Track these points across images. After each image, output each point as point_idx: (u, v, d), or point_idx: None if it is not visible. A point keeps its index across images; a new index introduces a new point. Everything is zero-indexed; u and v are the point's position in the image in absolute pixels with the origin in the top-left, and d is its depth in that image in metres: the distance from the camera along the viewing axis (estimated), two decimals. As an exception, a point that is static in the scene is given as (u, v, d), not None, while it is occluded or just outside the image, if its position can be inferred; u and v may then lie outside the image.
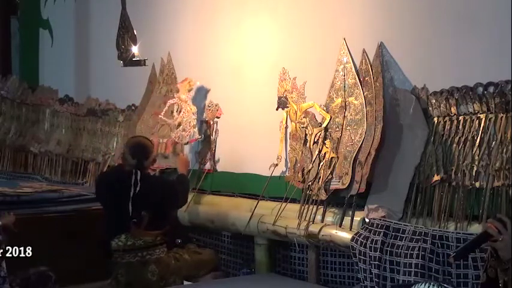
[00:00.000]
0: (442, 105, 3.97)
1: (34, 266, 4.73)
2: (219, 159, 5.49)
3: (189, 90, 5.57)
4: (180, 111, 5.61)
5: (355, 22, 4.52)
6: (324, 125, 4.57)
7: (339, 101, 4.51)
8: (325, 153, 4.53)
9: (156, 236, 4.75)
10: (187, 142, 5.58)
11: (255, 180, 5.13)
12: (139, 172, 4.74)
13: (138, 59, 5.58)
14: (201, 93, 5.65)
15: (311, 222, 4.48)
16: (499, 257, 2.76)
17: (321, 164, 4.53)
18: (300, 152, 4.71)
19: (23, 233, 4.70)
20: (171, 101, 5.68)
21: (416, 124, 4.09)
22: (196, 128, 5.53)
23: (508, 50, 3.64)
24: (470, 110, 3.85)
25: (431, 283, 2.33)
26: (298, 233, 4.52)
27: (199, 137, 5.51)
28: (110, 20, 5.97)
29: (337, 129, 4.49)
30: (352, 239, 4.12)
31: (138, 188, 4.70)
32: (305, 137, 4.70)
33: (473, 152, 3.80)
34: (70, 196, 5.81)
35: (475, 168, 3.78)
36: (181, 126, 5.57)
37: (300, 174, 4.68)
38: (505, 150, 3.68)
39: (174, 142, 5.74)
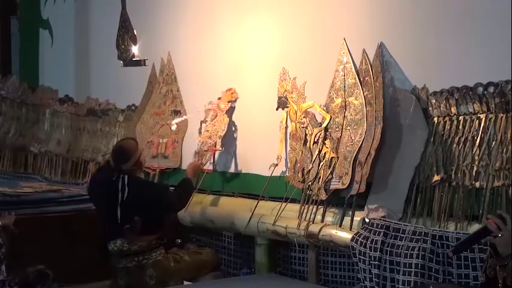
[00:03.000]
0: (442, 105, 3.97)
1: (33, 266, 4.72)
2: (219, 159, 5.49)
3: (229, 101, 5.37)
4: (213, 119, 5.42)
5: (355, 22, 4.52)
6: (324, 125, 4.57)
7: (339, 101, 4.51)
8: (325, 153, 4.53)
9: (151, 240, 4.72)
10: (207, 150, 5.39)
11: (255, 180, 5.13)
12: (126, 177, 4.72)
13: (138, 59, 5.58)
14: (201, 93, 5.67)
15: (311, 222, 4.48)
16: (498, 253, 2.76)
17: (321, 164, 4.53)
18: (300, 152, 4.71)
19: (23, 233, 4.70)
20: (209, 106, 5.46)
21: (416, 124, 4.08)
22: (220, 140, 5.34)
23: (508, 50, 3.64)
24: (470, 110, 3.85)
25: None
26: (298, 233, 4.52)
27: (221, 148, 5.33)
28: (110, 20, 5.97)
29: (337, 129, 4.49)
30: (352, 239, 4.12)
31: (126, 194, 4.68)
32: (305, 137, 4.70)
33: (473, 152, 3.79)
34: (70, 196, 5.81)
35: (475, 168, 3.78)
36: (207, 133, 5.41)
37: (300, 174, 4.67)
38: (505, 150, 3.67)
39: (174, 143, 5.73)
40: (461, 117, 3.89)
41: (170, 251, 4.92)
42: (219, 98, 5.41)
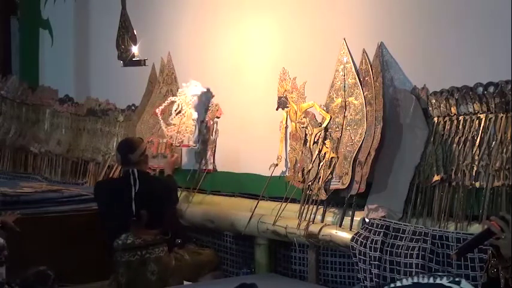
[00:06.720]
0: (442, 105, 3.96)
1: (33, 266, 4.72)
2: (218, 159, 5.48)
3: (194, 95, 5.50)
4: (179, 112, 5.59)
5: (355, 22, 4.52)
6: (324, 125, 4.57)
7: (339, 101, 4.51)
8: (325, 153, 4.53)
9: (155, 235, 4.76)
10: (179, 145, 5.57)
11: (255, 180, 5.13)
12: (136, 171, 4.80)
13: (138, 59, 5.58)
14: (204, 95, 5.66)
15: (311, 222, 4.48)
16: (501, 255, 2.76)
17: (321, 164, 4.53)
18: (300, 152, 4.71)
19: (23, 233, 4.70)
20: (172, 99, 5.65)
21: (416, 124, 4.08)
22: (194, 135, 5.46)
23: (508, 50, 3.64)
24: (470, 110, 3.85)
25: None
26: (298, 233, 4.52)
27: (195, 145, 5.45)
28: (110, 20, 5.97)
29: (337, 129, 4.49)
30: (352, 239, 4.12)
31: (137, 187, 4.74)
32: (305, 137, 4.70)
33: (473, 152, 3.79)
34: (70, 196, 5.81)
35: (475, 168, 3.78)
36: (175, 126, 5.56)
37: (300, 174, 4.67)
38: (505, 150, 3.67)
39: (170, 142, 5.74)
40: (461, 117, 3.89)
41: (171, 251, 4.93)
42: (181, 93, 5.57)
